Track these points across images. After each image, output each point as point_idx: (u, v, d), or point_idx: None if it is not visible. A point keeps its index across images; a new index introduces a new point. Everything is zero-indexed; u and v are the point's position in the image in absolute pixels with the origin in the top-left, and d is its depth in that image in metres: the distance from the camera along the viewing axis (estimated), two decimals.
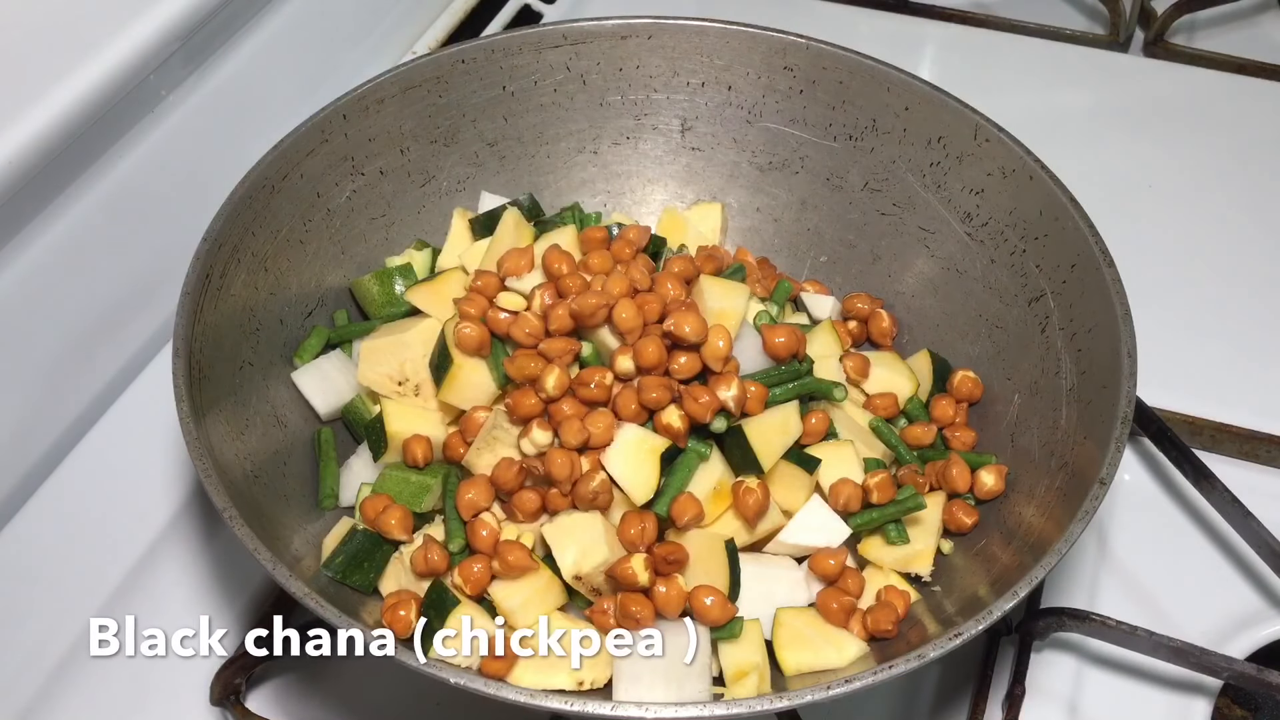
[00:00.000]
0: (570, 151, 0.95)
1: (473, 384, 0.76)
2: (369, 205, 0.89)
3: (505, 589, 0.69)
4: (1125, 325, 0.72)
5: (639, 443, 0.71)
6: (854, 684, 0.58)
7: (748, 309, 0.78)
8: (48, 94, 0.82)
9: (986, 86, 0.97)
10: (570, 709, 0.58)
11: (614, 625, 0.68)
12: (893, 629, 0.70)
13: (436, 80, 0.89)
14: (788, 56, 0.90)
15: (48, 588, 0.84)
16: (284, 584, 0.61)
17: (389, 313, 0.85)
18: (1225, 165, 1.14)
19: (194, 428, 0.67)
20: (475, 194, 0.93)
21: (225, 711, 0.77)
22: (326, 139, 0.84)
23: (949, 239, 0.88)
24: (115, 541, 0.86)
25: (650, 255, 0.85)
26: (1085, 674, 0.80)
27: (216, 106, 1.01)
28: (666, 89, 0.93)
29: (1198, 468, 0.84)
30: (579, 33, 0.91)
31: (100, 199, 0.91)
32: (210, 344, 0.73)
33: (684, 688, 0.66)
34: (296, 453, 0.80)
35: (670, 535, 0.72)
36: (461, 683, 0.58)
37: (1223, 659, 0.73)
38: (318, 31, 1.13)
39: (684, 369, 0.72)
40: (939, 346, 0.88)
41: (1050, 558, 0.63)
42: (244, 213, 0.78)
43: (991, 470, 0.78)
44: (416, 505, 0.75)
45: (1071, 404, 0.75)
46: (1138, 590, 0.84)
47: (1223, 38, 1.31)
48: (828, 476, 0.75)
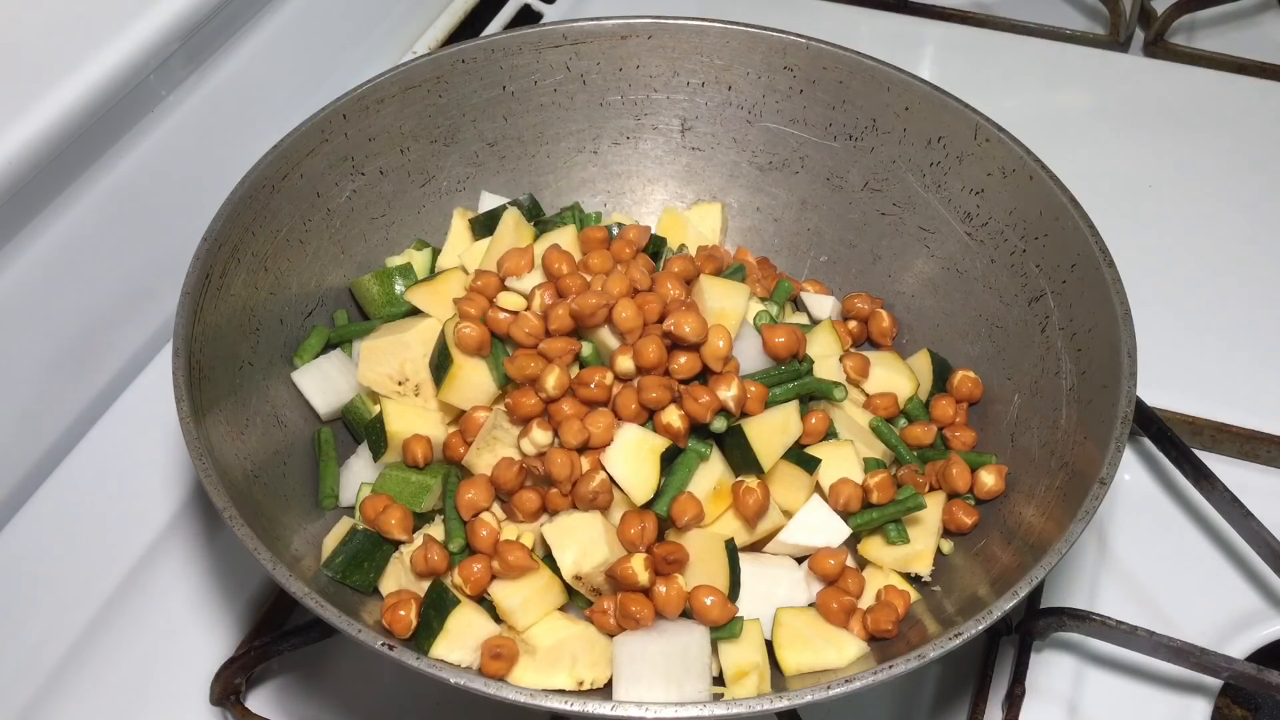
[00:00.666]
0: (570, 151, 0.95)
1: (473, 384, 0.76)
2: (369, 205, 0.89)
3: (505, 589, 0.69)
4: (1125, 325, 0.72)
5: (639, 443, 0.71)
6: (854, 684, 0.58)
7: (748, 309, 0.78)
8: (48, 94, 0.82)
9: (986, 86, 0.98)
10: (570, 709, 0.58)
11: (614, 625, 0.68)
12: (893, 629, 0.70)
13: (436, 80, 0.89)
14: (788, 56, 0.90)
15: (48, 588, 0.84)
16: (284, 584, 0.61)
17: (389, 313, 0.85)
18: (1225, 165, 1.14)
19: (194, 428, 0.67)
20: (475, 194, 0.93)
21: (225, 711, 0.77)
22: (326, 139, 0.84)
23: (949, 239, 0.88)
24: (115, 541, 0.86)
25: (650, 255, 0.85)
26: (1085, 674, 0.80)
27: (216, 106, 1.01)
28: (666, 89, 0.93)
29: (1198, 468, 0.84)
30: (579, 33, 0.91)
31: (100, 199, 0.91)
32: (210, 344, 0.73)
33: (684, 688, 0.66)
34: (296, 453, 0.80)
35: (670, 535, 0.72)
36: (461, 683, 0.58)
37: (1223, 659, 0.73)
38: (318, 31, 1.13)
39: (684, 369, 0.72)
40: (939, 346, 0.88)
41: (1050, 558, 0.63)
42: (244, 213, 0.78)
43: (991, 470, 0.78)
44: (416, 505, 0.75)
45: (1071, 404, 0.75)
46: (1138, 590, 0.84)
47: (1223, 38, 1.31)
48: (828, 476, 0.75)
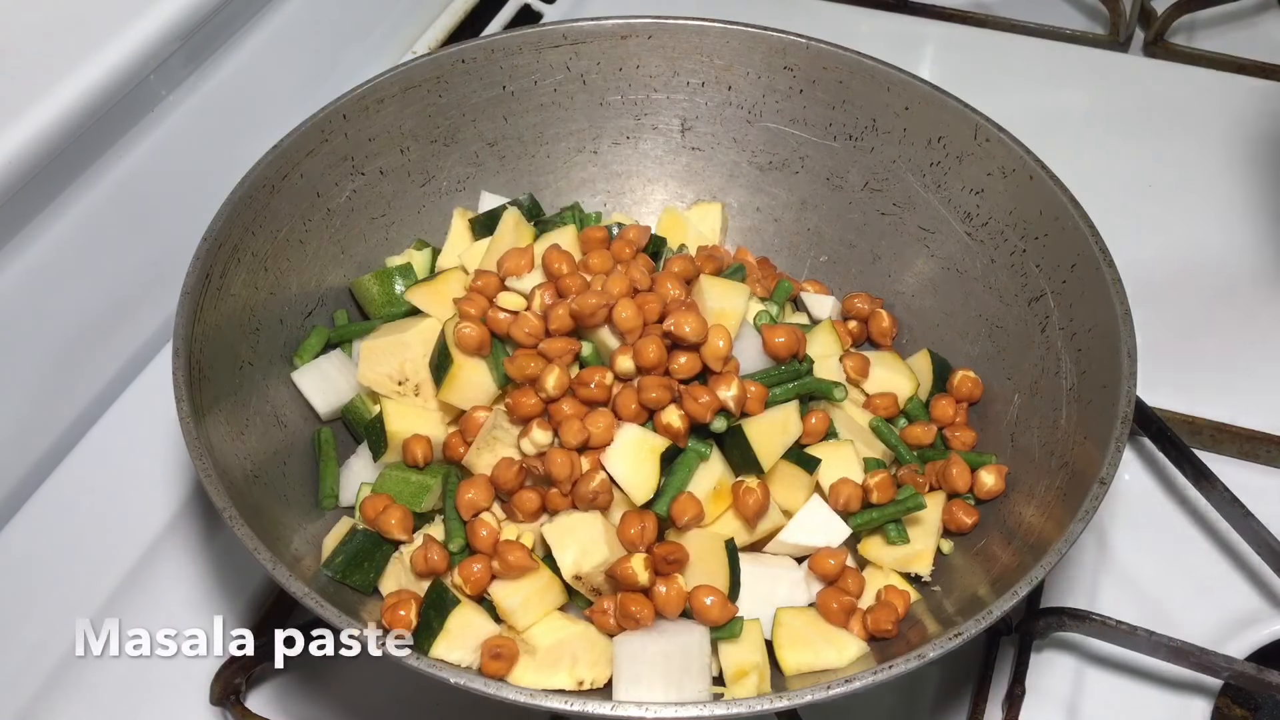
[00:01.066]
0: (570, 151, 0.95)
1: (473, 384, 0.76)
2: (369, 205, 0.89)
3: (505, 589, 0.69)
4: (1125, 325, 0.72)
5: (639, 443, 0.71)
6: (854, 684, 0.58)
7: (748, 309, 0.78)
8: (48, 94, 0.82)
9: (986, 86, 0.97)
10: (570, 709, 0.58)
11: (614, 625, 0.68)
12: (893, 629, 0.70)
13: (436, 80, 0.89)
14: (788, 56, 0.90)
15: (48, 588, 0.84)
16: (284, 584, 0.61)
17: (389, 313, 0.85)
18: (1225, 165, 1.14)
19: (194, 428, 0.67)
20: (475, 194, 0.93)
21: (225, 711, 0.77)
22: (326, 139, 0.84)
23: (949, 239, 0.88)
24: (115, 541, 0.86)
25: (650, 255, 0.85)
26: (1085, 674, 0.80)
27: (216, 106, 1.01)
28: (666, 89, 0.93)
29: (1198, 468, 0.84)
30: (579, 33, 0.90)
31: (100, 199, 0.91)
32: (210, 344, 0.73)
33: (684, 688, 0.66)
34: (296, 453, 0.80)
35: (670, 535, 0.72)
36: (461, 683, 0.58)
37: (1223, 659, 0.73)
38: (318, 31, 1.13)
39: (684, 369, 0.72)
40: (939, 346, 0.88)
41: (1050, 557, 0.63)
42: (244, 213, 0.78)
43: (991, 470, 0.78)
44: (416, 505, 0.75)
45: (1071, 404, 0.75)
46: (1138, 590, 0.84)
47: (1223, 38, 1.31)
48: (828, 476, 0.75)
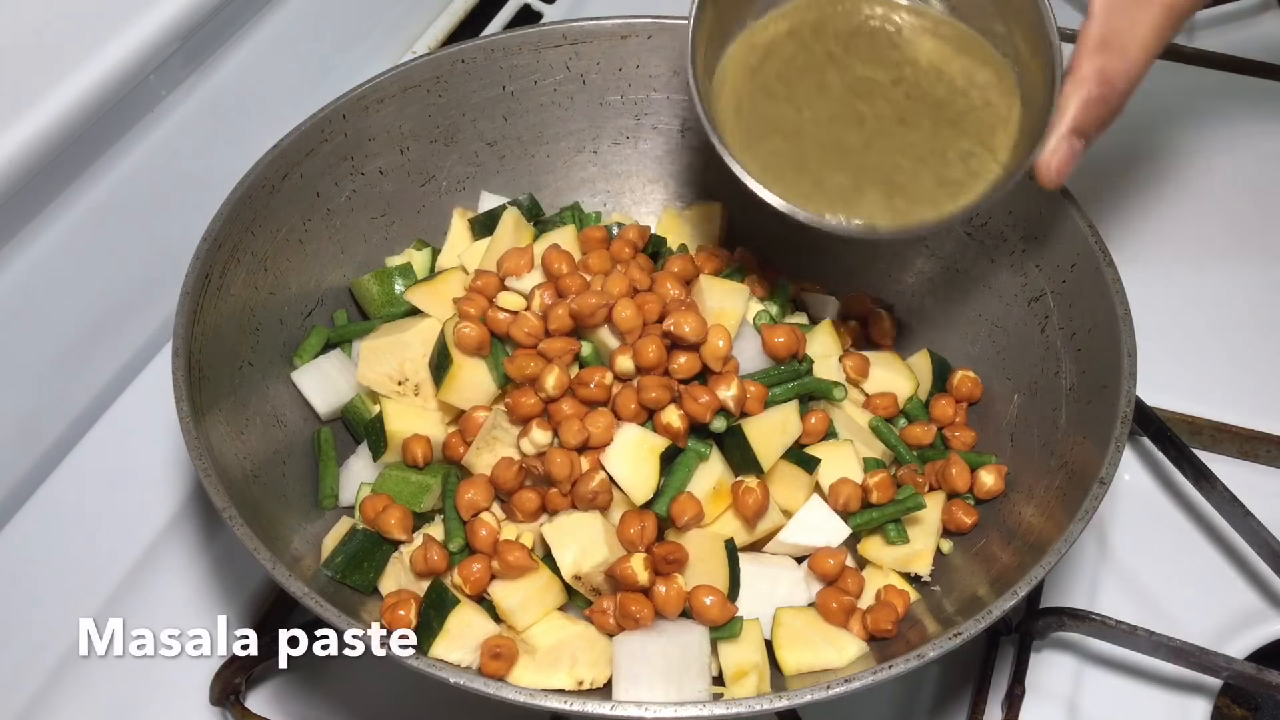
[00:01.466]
0: (570, 151, 0.95)
1: (472, 384, 0.76)
2: (369, 205, 0.89)
3: (505, 589, 0.69)
4: (1125, 325, 0.72)
5: (639, 442, 0.71)
6: (854, 684, 0.58)
7: (747, 309, 0.78)
8: (48, 94, 0.82)
9: None
10: (570, 709, 0.58)
11: (614, 625, 0.68)
12: (892, 629, 0.70)
13: (436, 80, 0.89)
14: None
15: (48, 588, 0.84)
16: (284, 584, 0.61)
17: (389, 312, 0.85)
18: (1225, 165, 1.14)
19: (194, 428, 0.67)
20: (475, 194, 0.93)
21: (225, 711, 0.77)
22: (326, 139, 0.84)
23: (949, 239, 0.88)
24: (115, 541, 0.86)
25: (650, 255, 0.85)
26: (1085, 674, 0.80)
27: (216, 106, 1.01)
28: (666, 89, 0.93)
29: (1198, 468, 0.84)
30: (579, 33, 0.90)
31: (100, 199, 0.91)
32: (210, 344, 0.73)
33: (684, 688, 0.66)
34: (296, 453, 0.80)
35: (670, 535, 0.72)
36: (461, 682, 0.58)
37: (1223, 659, 0.73)
38: (318, 31, 1.13)
39: (684, 369, 0.72)
40: (939, 346, 0.88)
41: (1050, 557, 0.63)
42: (244, 213, 0.78)
43: (991, 470, 0.78)
44: (416, 505, 0.75)
45: (1071, 404, 0.75)
46: (1138, 590, 0.84)
47: (1223, 38, 1.31)
48: (827, 476, 0.75)
